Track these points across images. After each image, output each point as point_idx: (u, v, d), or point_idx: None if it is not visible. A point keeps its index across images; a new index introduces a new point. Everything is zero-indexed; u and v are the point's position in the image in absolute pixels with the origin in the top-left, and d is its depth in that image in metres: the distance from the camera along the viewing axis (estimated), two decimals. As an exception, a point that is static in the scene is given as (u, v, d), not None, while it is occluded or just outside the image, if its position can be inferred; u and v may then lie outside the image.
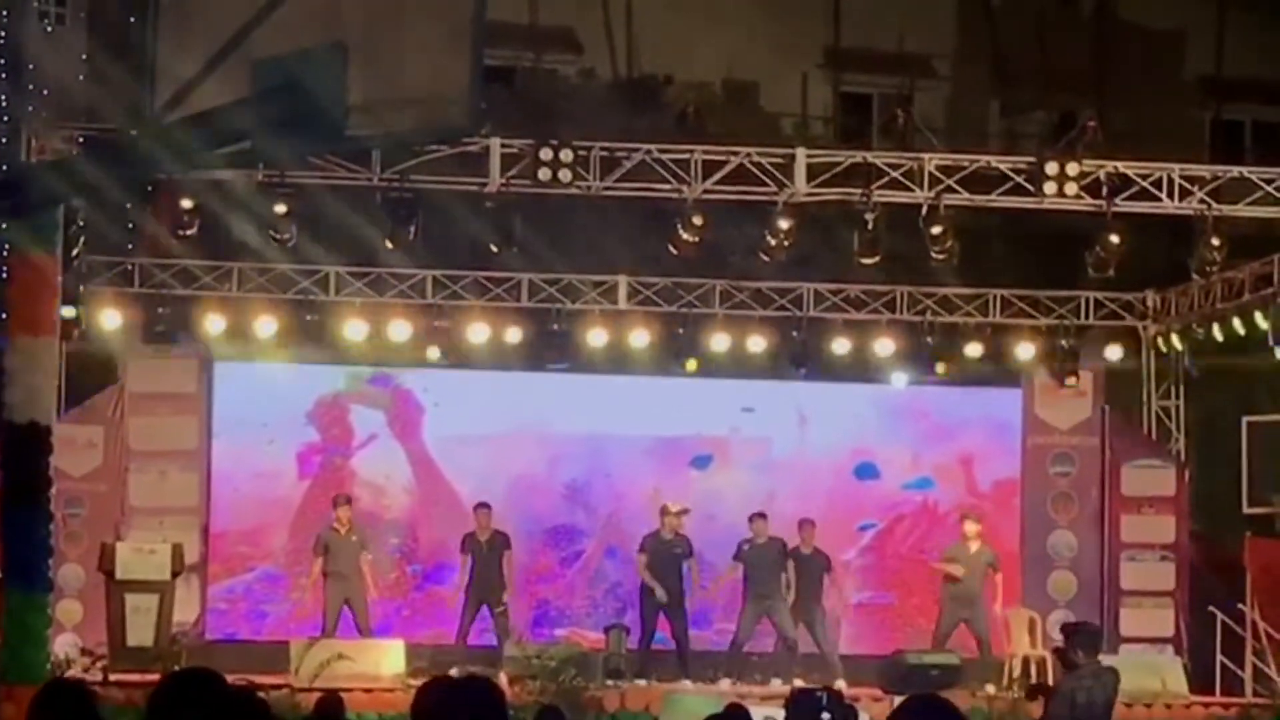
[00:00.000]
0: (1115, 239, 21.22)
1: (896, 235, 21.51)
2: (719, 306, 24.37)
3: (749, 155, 21.05)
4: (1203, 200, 21.17)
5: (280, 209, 20.54)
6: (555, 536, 24.69)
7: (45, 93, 19.99)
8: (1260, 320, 22.42)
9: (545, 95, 27.36)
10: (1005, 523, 24.92)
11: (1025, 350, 24.66)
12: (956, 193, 21.03)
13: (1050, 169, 20.76)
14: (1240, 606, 23.71)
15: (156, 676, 6.71)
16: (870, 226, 21.06)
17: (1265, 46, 28.46)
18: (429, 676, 6.27)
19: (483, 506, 23.02)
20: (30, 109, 19.23)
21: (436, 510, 24.49)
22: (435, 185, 20.73)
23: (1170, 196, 21.21)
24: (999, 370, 24.96)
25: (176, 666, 18.25)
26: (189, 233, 21.02)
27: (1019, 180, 20.98)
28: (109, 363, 23.81)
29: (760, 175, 21.00)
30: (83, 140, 19.52)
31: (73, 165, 12.85)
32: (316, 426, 24.58)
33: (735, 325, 24.20)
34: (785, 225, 21.09)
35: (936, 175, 21.03)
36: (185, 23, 7.32)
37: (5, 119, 18.38)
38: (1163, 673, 22.34)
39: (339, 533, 22.51)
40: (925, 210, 21.03)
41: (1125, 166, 21.20)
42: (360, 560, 22.53)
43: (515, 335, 23.85)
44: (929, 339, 24.32)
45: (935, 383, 24.78)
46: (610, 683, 21.58)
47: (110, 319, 23.18)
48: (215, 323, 23.46)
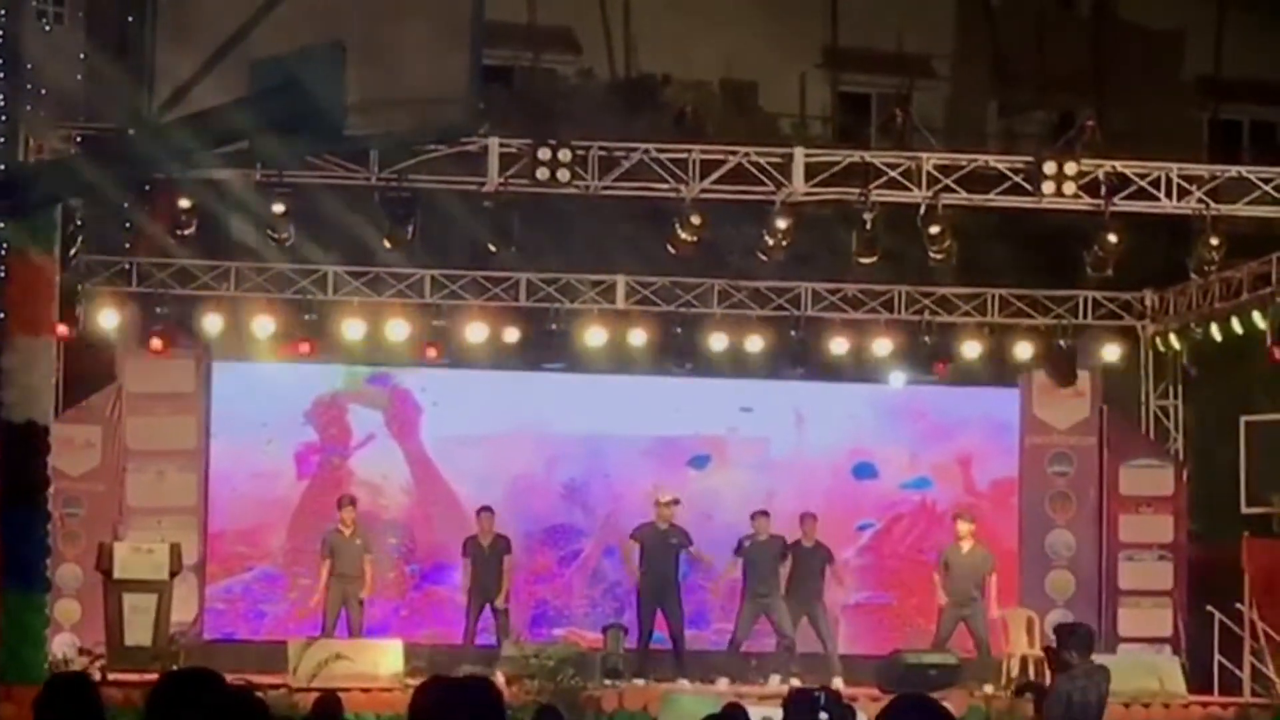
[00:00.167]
0: (1113, 239, 21.21)
1: (895, 235, 21.51)
2: (717, 306, 24.36)
3: (747, 155, 21.04)
4: (1201, 200, 21.17)
5: (278, 208, 20.54)
6: (553, 536, 24.68)
7: (43, 92, 19.99)
8: (1259, 320, 22.44)
9: (544, 95, 27.36)
10: (1003, 522, 24.91)
11: (1023, 350, 24.66)
12: (955, 192, 21.02)
13: (1048, 169, 20.75)
14: (1238, 606, 23.69)
15: (155, 676, 6.70)
16: (868, 226, 21.06)
17: (1263, 47, 28.46)
18: (427, 676, 6.27)
19: (486, 510, 22.95)
20: (28, 108, 19.23)
21: (434, 510, 24.47)
22: (433, 185, 20.72)
23: (1168, 196, 21.21)
24: (997, 370, 24.96)
25: (174, 666, 18.25)
26: (187, 232, 21.00)
27: (1017, 180, 20.97)
28: (107, 362, 23.80)
29: (758, 175, 20.99)
30: (81, 140, 19.52)
31: (71, 165, 12.85)
32: (315, 426, 24.56)
33: (733, 325, 24.20)
34: (783, 225, 21.08)
35: (935, 175, 21.02)
36: (184, 22, 7.32)
37: (3, 118, 18.37)
38: (1160, 672, 22.32)
39: (343, 534, 22.50)
40: (923, 210, 21.02)
41: (1123, 166, 21.20)
42: (363, 562, 22.53)
43: (513, 335, 23.84)
44: (927, 339, 24.32)
45: (933, 382, 24.77)
46: (608, 682, 21.55)
47: (108, 318, 23.18)
48: (213, 322, 23.47)
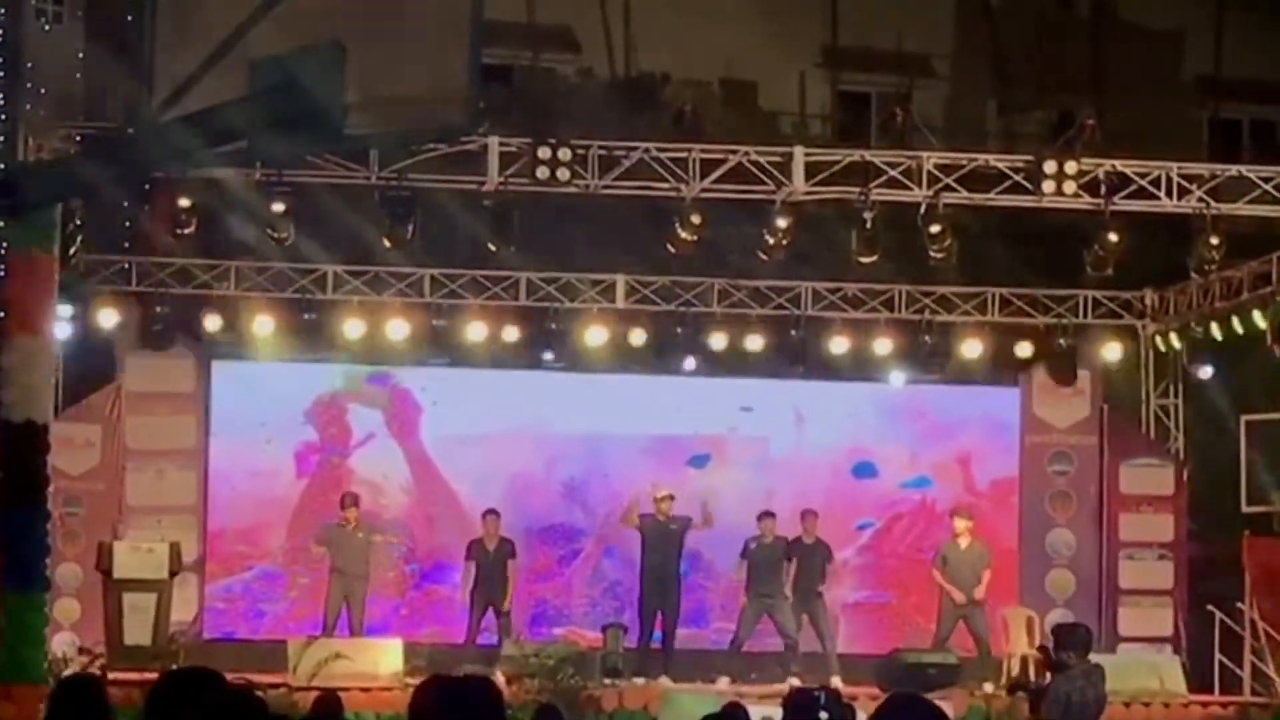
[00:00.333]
0: (1113, 238, 21.22)
1: (895, 234, 21.51)
2: (717, 305, 24.36)
3: (747, 154, 21.04)
4: (1201, 199, 21.17)
5: (278, 208, 20.54)
6: (553, 535, 24.67)
7: (43, 91, 20.01)
8: (1259, 319, 22.43)
9: (543, 94, 27.35)
10: (1003, 521, 24.91)
11: (1023, 349, 24.66)
12: (955, 191, 21.03)
13: (1049, 168, 20.76)
14: (1239, 605, 23.70)
15: (154, 675, 6.70)
16: (868, 225, 21.07)
17: (1263, 46, 28.44)
18: (426, 676, 6.26)
19: (491, 513, 22.82)
20: (28, 107, 19.24)
21: (434, 510, 24.48)
22: (433, 184, 20.72)
23: (1169, 195, 21.21)
24: (997, 369, 24.96)
25: (174, 665, 18.26)
26: (187, 231, 21.00)
27: (1017, 179, 20.98)
28: (107, 361, 23.80)
29: (758, 174, 20.99)
30: (81, 139, 19.53)
31: (71, 164, 12.84)
32: (314, 425, 24.56)
33: (733, 324, 24.19)
34: (783, 224, 21.09)
35: (935, 174, 21.02)
36: (183, 21, 7.32)
37: (3, 117, 18.38)
38: (1161, 672, 22.32)
39: (344, 528, 22.45)
40: (923, 209, 21.03)
41: (1123, 165, 21.20)
42: (367, 559, 22.50)
43: (513, 334, 23.84)
44: (927, 338, 24.32)
45: (933, 381, 24.77)
46: (608, 681, 21.55)
47: (108, 318, 23.17)
48: (213, 321, 23.46)
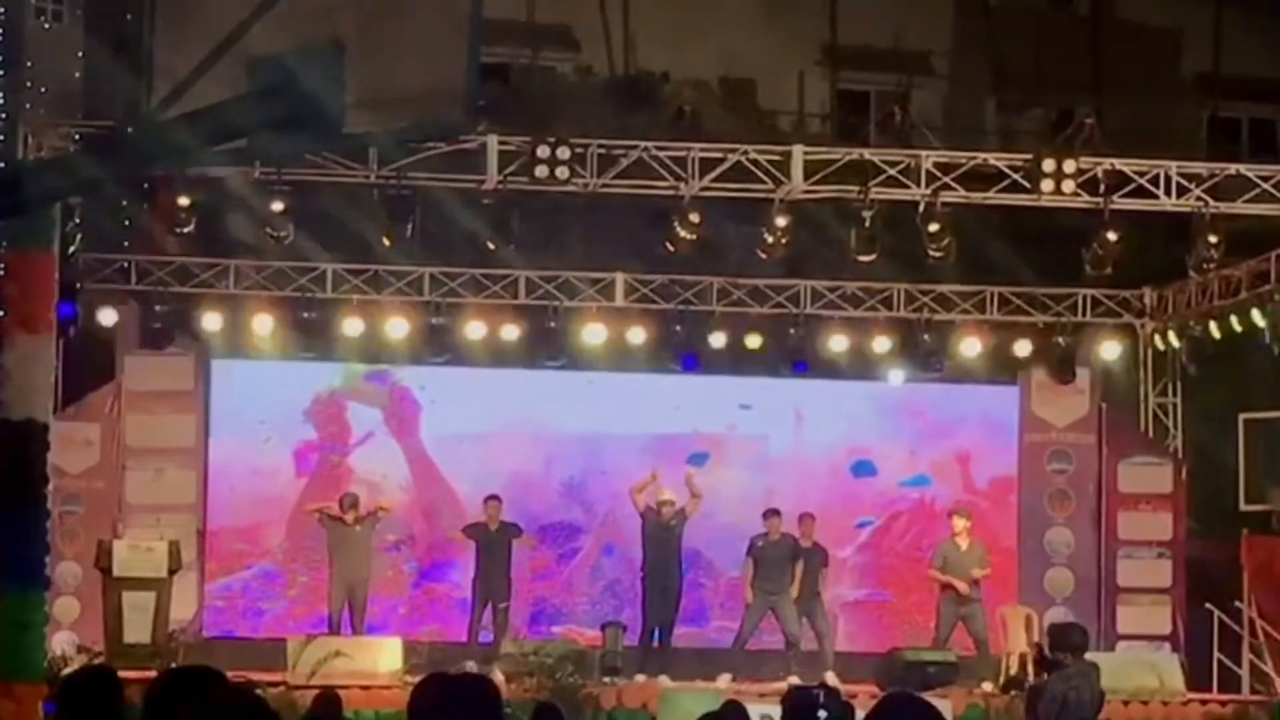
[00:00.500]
0: (1112, 236, 21.21)
1: (893, 232, 21.51)
2: (716, 304, 24.36)
3: (746, 153, 21.04)
4: (1200, 198, 21.17)
5: (277, 206, 20.55)
6: (552, 534, 24.67)
7: (43, 89, 20.04)
8: (1257, 317, 22.44)
9: (542, 93, 27.35)
10: (1002, 520, 24.91)
11: (1022, 347, 24.67)
12: (953, 190, 21.03)
13: (1047, 166, 20.75)
14: (1237, 604, 23.71)
15: (154, 674, 6.70)
16: (867, 224, 21.06)
17: (1262, 45, 28.46)
18: (426, 674, 6.27)
19: (493, 499, 22.91)
20: (28, 106, 19.26)
21: (434, 508, 24.48)
22: (432, 182, 20.72)
23: (1167, 194, 21.21)
24: (996, 367, 24.96)
25: (174, 664, 18.27)
26: (186, 230, 21.01)
27: (1016, 178, 20.97)
28: (106, 360, 23.80)
29: (757, 173, 20.99)
30: (80, 137, 19.54)
31: (70, 162, 12.84)
32: (314, 424, 24.56)
33: (732, 323, 24.19)
34: (782, 223, 21.09)
35: (934, 173, 21.03)
36: (182, 19, 7.32)
37: (3, 115, 18.39)
38: (1160, 670, 22.33)
39: (346, 527, 22.44)
40: (922, 208, 21.03)
41: (1122, 164, 21.20)
42: (369, 557, 22.49)
43: (512, 332, 23.84)
44: (926, 336, 24.32)
45: (932, 380, 24.77)
46: (607, 680, 21.56)
47: (107, 316, 23.18)
48: (212, 320, 23.46)
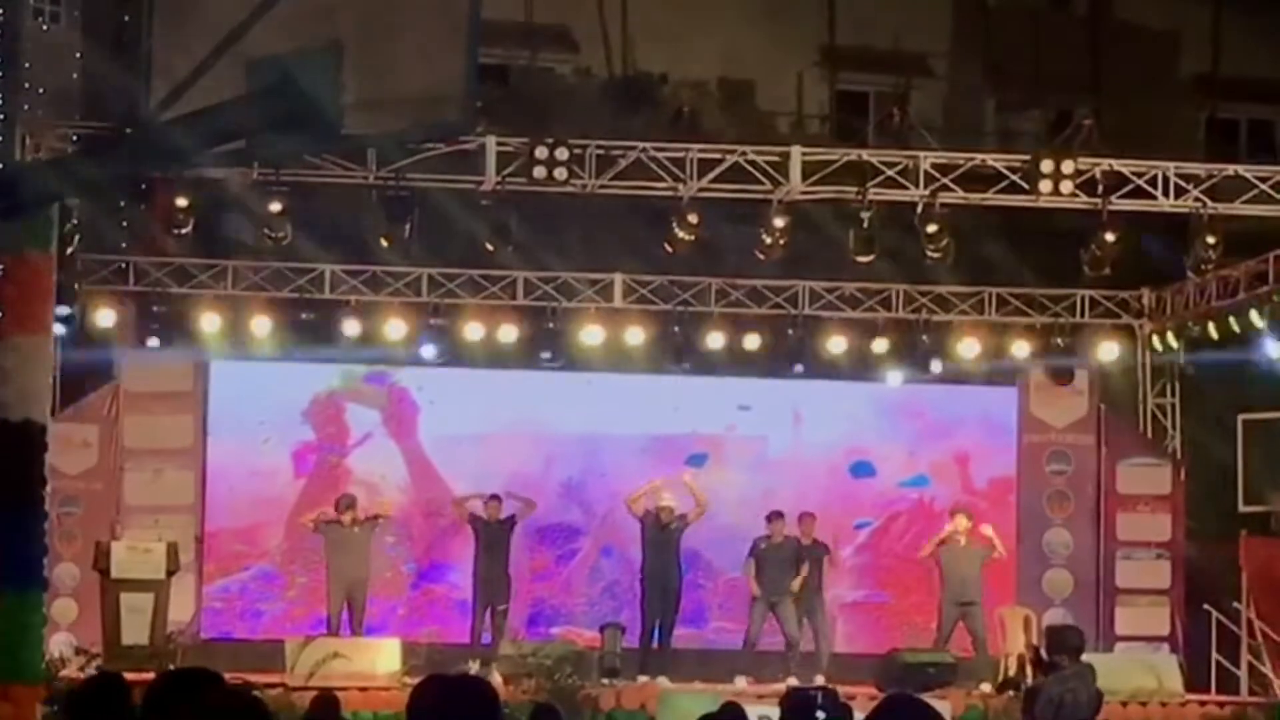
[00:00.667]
0: (1111, 237, 21.21)
1: (892, 233, 21.50)
2: (714, 305, 24.35)
3: (744, 153, 21.04)
4: (1198, 198, 21.16)
5: (276, 207, 20.53)
6: (551, 535, 24.66)
7: (40, 91, 20.00)
8: (1255, 318, 22.44)
9: (541, 93, 27.33)
10: (1001, 521, 24.84)
11: (1021, 348, 24.66)
12: (952, 191, 21.02)
13: (1046, 167, 20.74)
14: (1236, 605, 23.72)
15: (152, 675, 6.69)
16: (866, 225, 21.06)
17: (1260, 46, 28.45)
18: (424, 675, 6.26)
19: (494, 499, 22.94)
20: (25, 107, 19.21)
21: (432, 509, 24.47)
22: (431, 183, 20.71)
23: (1166, 195, 21.21)
24: (995, 368, 24.95)
25: (172, 665, 18.27)
26: (184, 231, 20.99)
27: (1014, 179, 20.96)
28: (104, 361, 23.79)
29: (756, 173, 20.99)
30: (78, 138, 19.52)
31: (68, 163, 12.84)
32: (312, 425, 24.55)
33: (731, 323, 24.18)
34: (781, 223, 21.08)
35: (932, 173, 21.02)
36: (180, 21, 7.32)
37: (1, 117, 18.36)
38: (1158, 671, 22.34)
39: (343, 528, 22.44)
40: (921, 208, 21.02)
41: (1121, 165, 21.20)
42: (367, 557, 22.49)
43: (511, 333, 23.82)
44: (925, 337, 24.32)
45: (931, 381, 24.76)
46: (605, 681, 21.56)
47: (105, 317, 23.16)
48: (211, 321, 23.44)
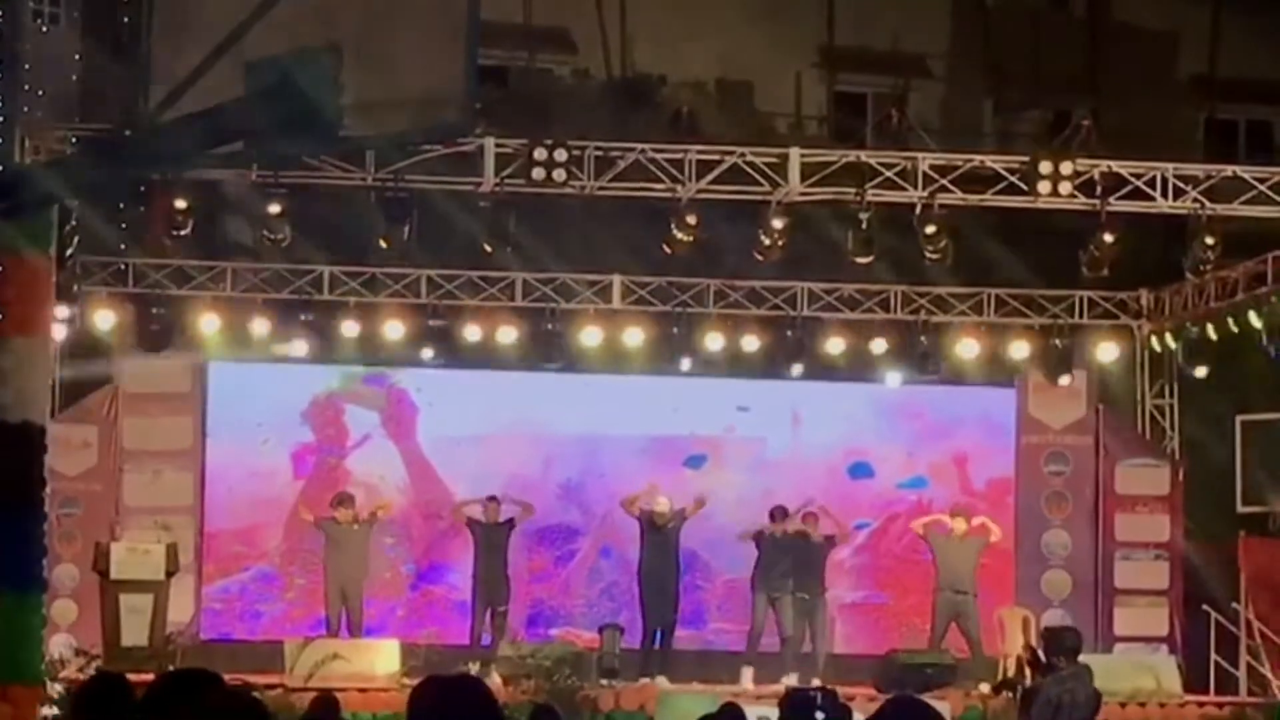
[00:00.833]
0: (1109, 238, 21.22)
1: (890, 234, 21.51)
2: (713, 306, 24.36)
3: (743, 155, 21.05)
4: (1196, 199, 21.18)
5: (274, 209, 20.54)
6: (550, 536, 24.66)
7: (40, 93, 19.98)
8: (1254, 319, 22.44)
9: (539, 95, 27.32)
10: (999, 521, 24.79)
11: (1019, 349, 24.67)
12: (950, 192, 21.04)
13: (1044, 168, 20.76)
14: (1234, 605, 23.72)
15: (151, 676, 6.70)
16: (864, 226, 21.08)
17: (1259, 47, 28.44)
18: (423, 676, 6.27)
19: (492, 500, 22.95)
20: (25, 109, 19.19)
21: (431, 510, 24.47)
22: (430, 185, 20.73)
23: (1164, 196, 21.23)
24: (993, 369, 24.96)
25: (171, 666, 18.25)
26: (183, 233, 21.00)
27: (1013, 180, 20.98)
28: (103, 362, 23.79)
29: (754, 175, 21.00)
30: (77, 140, 19.52)
31: (67, 165, 12.85)
32: (311, 426, 24.55)
33: (729, 324, 24.18)
34: (779, 224, 21.09)
35: (930, 175, 21.04)
36: (180, 23, 7.33)
37: (0, 119, 18.36)
38: (1157, 671, 22.35)
39: (340, 525, 22.45)
40: (919, 209, 21.04)
41: (1119, 166, 21.21)
42: (365, 555, 22.49)
43: (509, 335, 23.82)
44: (923, 338, 24.32)
45: (929, 382, 24.77)
46: (605, 682, 21.56)
47: (104, 319, 23.17)
48: (209, 322, 23.45)
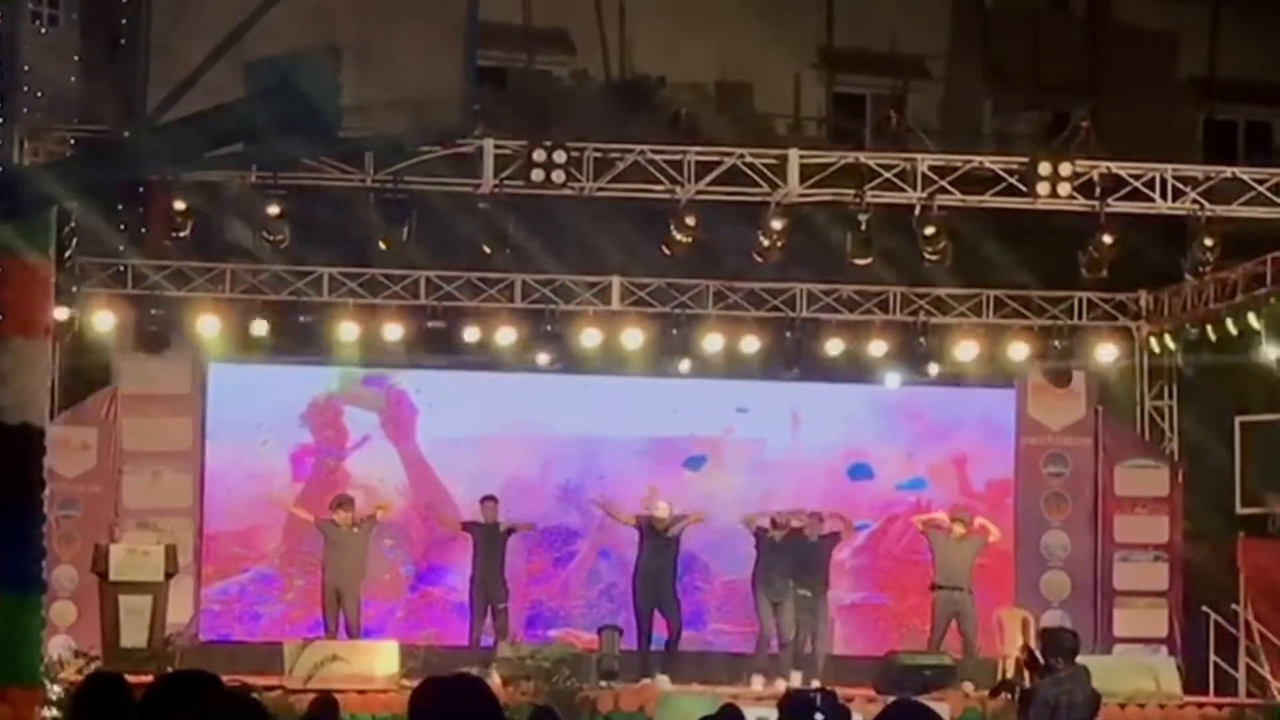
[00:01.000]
0: (1108, 239, 21.22)
1: (889, 236, 21.51)
2: (712, 307, 24.36)
3: (742, 156, 21.04)
4: (1196, 201, 21.17)
5: (273, 210, 20.53)
6: (549, 537, 24.66)
7: (39, 94, 20.02)
8: (1253, 320, 22.44)
9: (538, 96, 27.32)
10: (999, 523, 24.80)
11: (1018, 351, 24.67)
12: (949, 193, 21.03)
13: (1043, 169, 20.75)
14: (1234, 607, 23.72)
15: (150, 678, 6.70)
16: (863, 227, 21.06)
17: (1258, 48, 28.44)
18: (422, 678, 6.27)
19: (490, 499, 22.96)
20: (24, 110, 19.24)
21: (430, 511, 24.46)
22: (428, 186, 20.72)
23: (1163, 197, 21.22)
24: (992, 371, 24.96)
25: (170, 668, 18.26)
26: (182, 234, 20.99)
27: (1012, 181, 20.97)
28: (102, 364, 23.79)
29: (753, 176, 20.99)
30: (76, 141, 19.53)
31: (66, 166, 12.86)
32: (310, 428, 24.56)
33: (728, 326, 24.18)
34: (778, 226, 21.09)
35: (929, 176, 21.03)
36: (179, 24, 7.33)
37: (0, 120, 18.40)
38: (1156, 673, 22.35)
39: (339, 527, 22.45)
40: (918, 211, 21.04)
41: (1118, 167, 21.21)
42: (363, 556, 22.49)
43: (509, 336, 23.82)
44: (922, 339, 24.32)
45: (929, 383, 24.77)
46: (604, 683, 21.56)
47: (103, 320, 23.16)
48: (208, 324, 23.44)
